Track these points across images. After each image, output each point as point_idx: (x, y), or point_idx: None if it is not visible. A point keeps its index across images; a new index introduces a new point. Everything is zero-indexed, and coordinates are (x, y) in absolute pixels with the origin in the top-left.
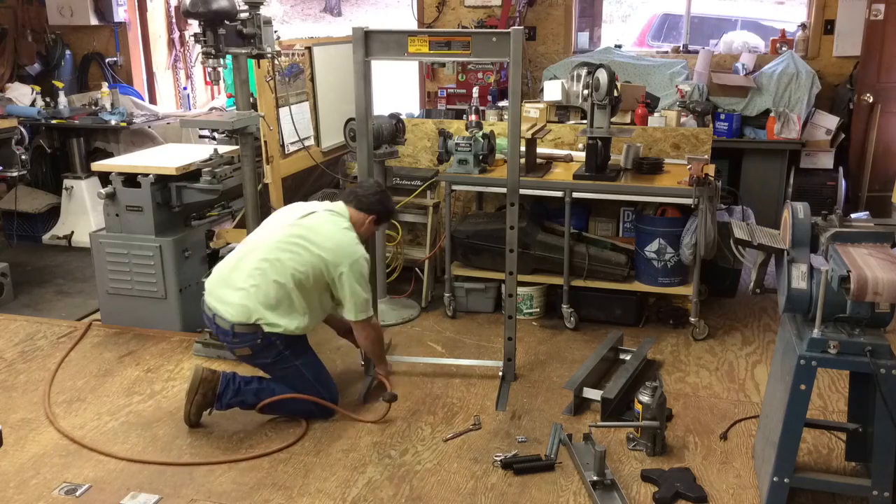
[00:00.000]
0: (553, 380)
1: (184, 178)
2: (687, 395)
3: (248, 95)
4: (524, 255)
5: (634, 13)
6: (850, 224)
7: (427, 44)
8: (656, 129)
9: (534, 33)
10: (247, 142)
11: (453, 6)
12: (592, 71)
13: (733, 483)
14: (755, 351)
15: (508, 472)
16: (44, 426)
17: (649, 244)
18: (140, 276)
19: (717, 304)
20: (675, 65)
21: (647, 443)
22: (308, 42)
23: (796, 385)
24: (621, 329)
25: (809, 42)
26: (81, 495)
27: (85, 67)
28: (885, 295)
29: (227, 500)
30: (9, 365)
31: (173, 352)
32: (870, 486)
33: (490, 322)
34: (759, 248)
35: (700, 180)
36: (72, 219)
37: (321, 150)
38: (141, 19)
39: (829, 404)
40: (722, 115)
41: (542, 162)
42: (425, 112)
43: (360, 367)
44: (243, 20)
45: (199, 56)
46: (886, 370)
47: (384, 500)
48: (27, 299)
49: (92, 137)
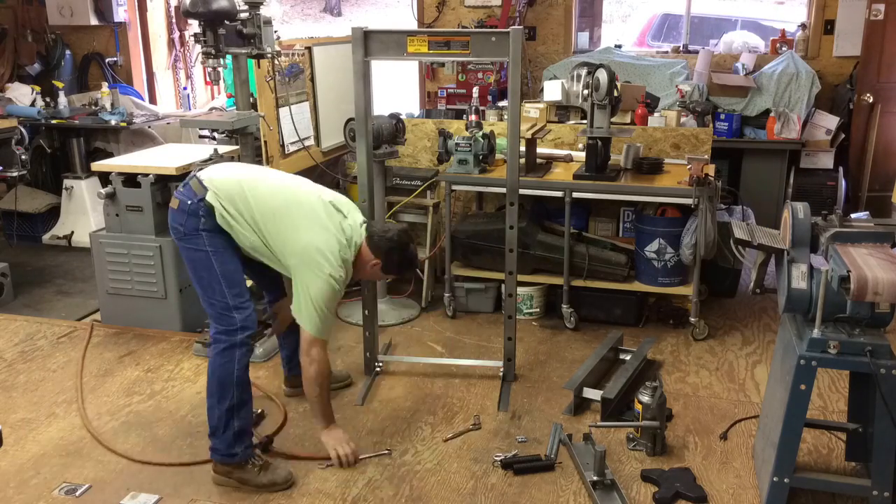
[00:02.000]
0: (553, 380)
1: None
2: (687, 395)
3: (248, 95)
4: (524, 255)
5: (634, 13)
6: (850, 224)
7: (426, 44)
8: (656, 129)
9: (534, 33)
10: (247, 142)
11: (453, 6)
12: (592, 71)
13: (733, 483)
14: (755, 351)
15: (508, 472)
16: (44, 426)
17: (649, 244)
18: (140, 276)
19: (717, 304)
20: (675, 65)
21: (647, 443)
22: (308, 42)
23: (796, 385)
24: (621, 329)
25: (809, 42)
26: (81, 495)
27: (85, 67)
28: (885, 295)
29: (227, 500)
30: (9, 365)
31: (173, 352)
32: (870, 486)
33: (490, 322)
34: (759, 248)
35: (700, 180)
36: (72, 219)
37: (321, 150)
38: (141, 19)
39: (829, 404)
40: (722, 115)
41: (542, 162)
42: (425, 112)
43: (360, 367)
44: (243, 20)
45: (199, 56)
46: (886, 370)
47: (384, 500)
48: (27, 299)
49: (92, 137)
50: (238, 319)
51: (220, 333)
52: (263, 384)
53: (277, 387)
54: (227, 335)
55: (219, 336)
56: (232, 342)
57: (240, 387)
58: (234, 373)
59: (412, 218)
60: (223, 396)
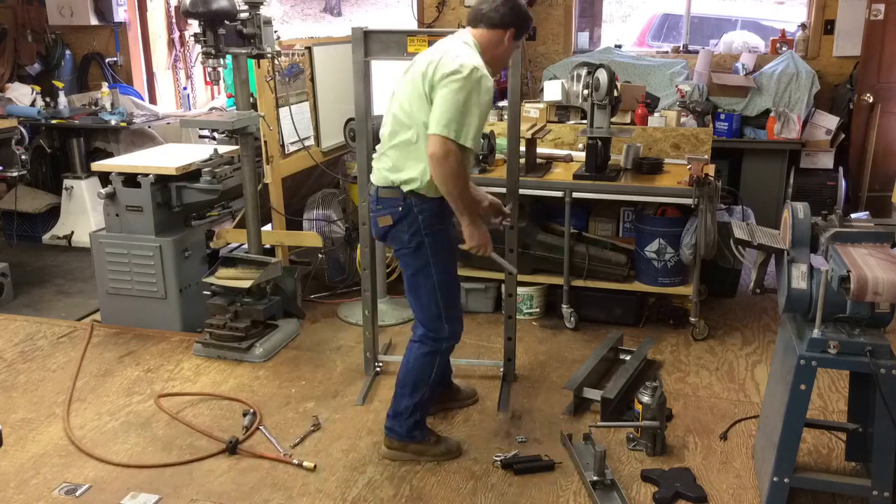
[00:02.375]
0: (553, 380)
1: (184, 178)
2: (687, 395)
3: (248, 95)
4: (524, 255)
5: (634, 13)
6: (850, 224)
7: (427, 44)
8: (656, 129)
9: (534, 33)
10: (247, 142)
11: (453, 6)
12: (592, 71)
13: (733, 483)
14: (755, 351)
15: (508, 472)
16: (44, 426)
17: (649, 244)
18: (140, 276)
19: (717, 304)
20: (675, 65)
21: (647, 443)
22: (308, 42)
23: (796, 385)
24: (621, 329)
25: (809, 42)
26: (81, 495)
27: (85, 67)
28: (885, 295)
29: (227, 500)
30: (9, 365)
31: (173, 352)
32: (870, 486)
33: (490, 322)
34: (759, 248)
35: (700, 180)
36: (72, 219)
37: (321, 150)
38: (141, 19)
39: (829, 404)
40: (722, 115)
41: (542, 162)
42: None
43: (360, 367)
44: (243, 20)
45: (199, 56)
46: (886, 370)
47: (384, 500)
48: (27, 299)
49: (92, 137)
50: (447, 329)
51: (428, 339)
52: (263, 384)
53: (277, 386)
54: (435, 342)
55: (425, 339)
56: (435, 349)
57: (431, 388)
58: (431, 376)
59: None
60: (415, 391)
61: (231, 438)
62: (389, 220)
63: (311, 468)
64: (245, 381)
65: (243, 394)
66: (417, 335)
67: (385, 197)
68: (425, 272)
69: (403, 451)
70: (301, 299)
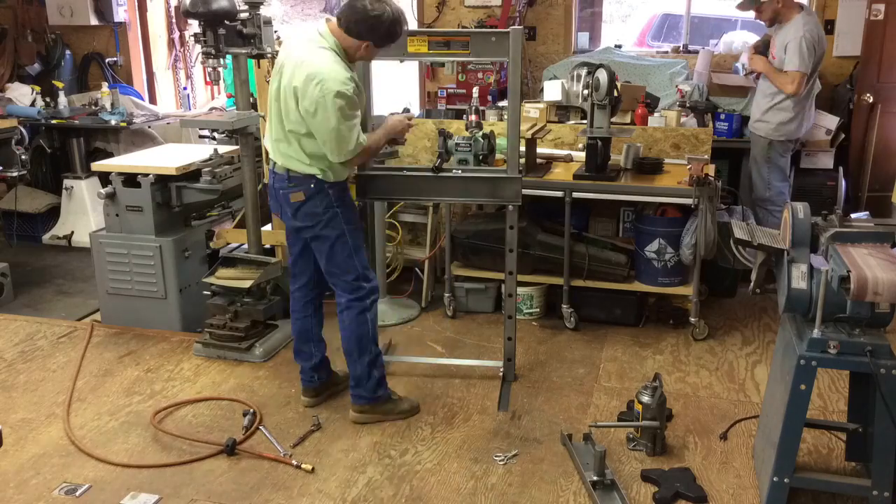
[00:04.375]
0: (553, 380)
1: (184, 178)
2: (687, 395)
3: (248, 95)
4: (524, 255)
5: (634, 13)
6: (850, 224)
7: (426, 43)
8: (656, 129)
9: (534, 33)
10: (247, 142)
11: (453, 6)
12: (592, 71)
13: (733, 483)
14: (755, 351)
15: (508, 471)
16: (44, 426)
17: (649, 244)
18: (140, 276)
19: (717, 304)
20: (675, 65)
21: (647, 443)
22: None
23: (796, 385)
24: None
25: None
26: (81, 495)
27: (85, 67)
28: (885, 295)
29: (227, 500)
30: (9, 365)
31: (173, 352)
32: (870, 486)
33: (490, 322)
34: (759, 248)
35: (700, 180)
36: (72, 219)
37: None
38: (141, 19)
39: (829, 404)
40: (722, 115)
41: (542, 162)
42: (425, 112)
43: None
44: (243, 20)
45: (199, 56)
46: (886, 370)
47: (384, 500)
48: (27, 299)
49: (92, 137)
50: (369, 285)
51: (355, 301)
52: (263, 384)
53: (277, 386)
54: (361, 300)
55: (352, 303)
56: (363, 307)
57: (374, 342)
58: (369, 332)
59: (412, 218)
60: (363, 352)
61: (228, 440)
62: (302, 195)
63: (308, 470)
64: (245, 382)
65: (243, 394)
66: (343, 302)
67: (296, 175)
68: (342, 240)
69: (373, 412)
70: None
